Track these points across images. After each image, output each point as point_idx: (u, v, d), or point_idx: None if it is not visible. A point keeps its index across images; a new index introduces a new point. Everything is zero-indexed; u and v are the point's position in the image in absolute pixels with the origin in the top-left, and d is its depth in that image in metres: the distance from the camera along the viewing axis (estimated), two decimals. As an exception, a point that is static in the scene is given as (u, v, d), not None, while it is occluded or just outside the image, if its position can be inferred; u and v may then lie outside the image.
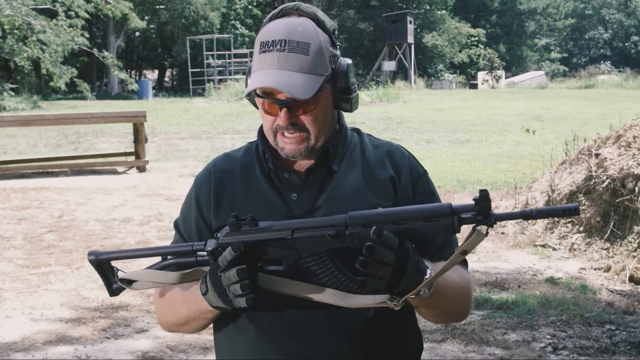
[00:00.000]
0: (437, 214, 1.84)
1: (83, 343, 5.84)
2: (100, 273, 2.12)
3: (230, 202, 2.15)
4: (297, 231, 1.91)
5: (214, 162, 2.30)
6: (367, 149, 2.23)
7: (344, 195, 2.12)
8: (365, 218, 1.87)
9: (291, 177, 2.15)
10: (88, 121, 15.83)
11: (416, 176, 2.21)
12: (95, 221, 10.08)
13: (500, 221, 1.83)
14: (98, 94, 36.84)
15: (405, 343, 2.19)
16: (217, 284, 1.92)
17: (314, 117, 2.08)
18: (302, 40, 2.05)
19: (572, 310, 6.36)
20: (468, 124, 21.90)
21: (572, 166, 9.36)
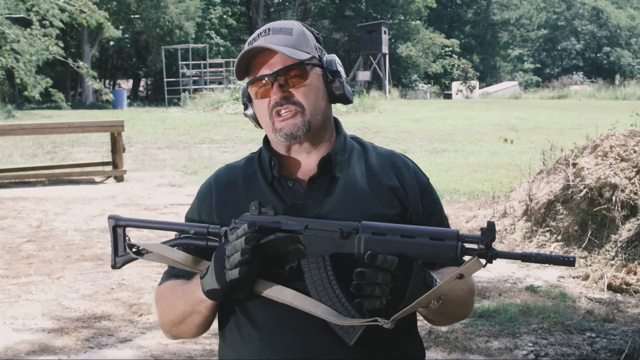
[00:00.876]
0: (444, 237, 1.89)
1: (67, 353, 5.81)
2: (112, 238, 2.17)
3: (234, 212, 2.15)
4: (310, 227, 1.97)
5: (216, 174, 2.32)
6: (370, 156, 2.26)
7: (348, 203, 2.14)
8: (376, 227, 1.93)
9: (295, 186, 2.17)
10: (65, 130, 15.75)
11: (423, 186, 2.25)
12: (74, 231, 10.04)
13: (500, 258, 1.86)
14: (72, 104, 36.62)
15: (408, 347, 2.21)
16: (219, 256, 1.97)
17: (306, 90, 2.14)
18: (285, 26, 2.18)
19: (553, 318, 6.41)
20: (444, 134, 22.01)
21: (549, 175, 9.44)
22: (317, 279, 1.97)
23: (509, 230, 9.16)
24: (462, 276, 1.84)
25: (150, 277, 7.79)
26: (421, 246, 1.89)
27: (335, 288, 1.96)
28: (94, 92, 39.61)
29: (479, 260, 1.83)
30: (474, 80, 54.85)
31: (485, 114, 29.33)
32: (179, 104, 37.31)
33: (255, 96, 2.18)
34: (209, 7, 50.27)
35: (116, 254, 2.17)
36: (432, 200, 2.26)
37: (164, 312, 2.26)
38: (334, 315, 1.95)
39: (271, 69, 2.12)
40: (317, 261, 1.97)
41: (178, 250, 2.10)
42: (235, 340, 2.17)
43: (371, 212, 2.10)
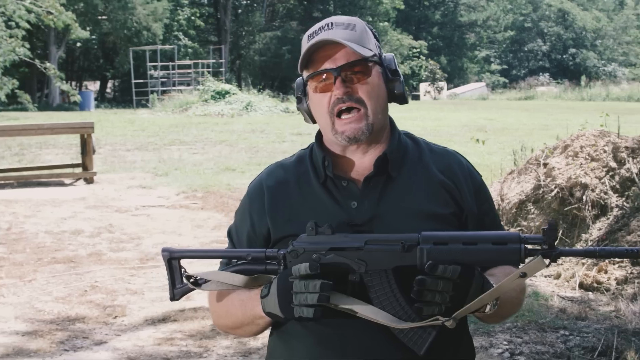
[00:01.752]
0: (506, 240, 1.91)
1: (41, 356, 5.79)
2: (169, 271, 2.16)
3: (287, 213, 2.15)
4: (370, 242, 1.96)
5: (267, 172, 2.29)
6: (424, 154, 2.23)
7: (405, 202, 2.12)
8: (437, 237, 1.94)
9: (349, 185, 2.14)
10: (35, 132, 15.62)
11: (477, 186, 2.24)
12: (45, 233, 9.96)
13: (564, 255, 1.90)
14: (39, 105, 36.28)
15: (459, 346, 2.20)
16: (284, 289, 1.97)
17: (369, 88, 2.11)
18: (348, 22, 2.14)
19: (527, 316, 6.47)
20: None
21: (520, 175, 9.51)
22: (381, 293, 1.96)
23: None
24: (525, 275, 1.85)
25: (124, 279, 7.77)
26: (484, 252, 1.91)
27: (399, 297, 1.95)
28: (60, 93, 39.27)
29: (542, 259, 1.85)
30: (442, 81, 55.12)
31: (454, 115, 29.51)
32: (147, 106, 37.12)
33: (315, 90, 2.14)
34: (177, 8, 50.03)
35: (174, 287, 2.16)
36: (485, 199, 2.26)
37: (219, 316, 2.27)
38: (394, 321, 1.94)
39: (335, 63, 2.09)
40: (380, 275, 1.96)
41: (235, 274, 2.08)
42: (289, 335, 2.15)
43: (427, 212, 2.11)
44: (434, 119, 27.56)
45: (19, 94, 24.80)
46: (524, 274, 1.85)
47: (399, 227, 2.04)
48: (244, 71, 53.84)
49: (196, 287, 2.12)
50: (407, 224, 2.06)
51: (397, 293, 1.95)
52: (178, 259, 2.16)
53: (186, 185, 13.55)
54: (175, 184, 13.79)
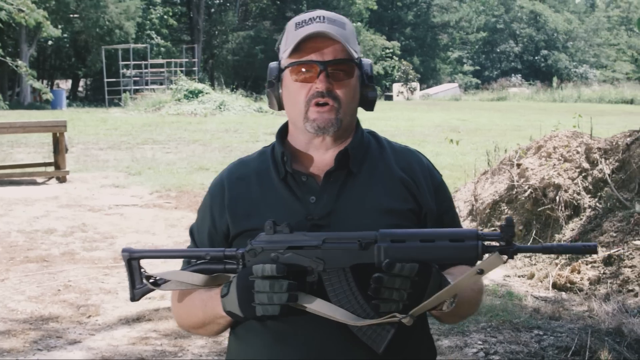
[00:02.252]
0: (464, 237, 1.93)
1: (14, 355, 5.74)
2: (128, 272, 2.16)
3: (246, 208, 2.16)
4: (328, 240, 1.98)
5: (227, 169, 2.31)
6: (385, 151, 2.26)
7: (364, 198, 2.14)
8: (394, 234, 1.96)
9: (309, 180, 2.16)
10: (6, 131, 15.47)
11: (437, 184, 2.25)
12: (18, 232, 9.88)
13: (521, 252, 1.92)
14: (10, 104, 36.01)
15: (419, 346, 2.21)
16: (245, 288, 1.99)
17: (348, 89, 2.14)
18: (339, 19, 2.18)
19: (502, 316, 6.51)
20: (387, 135, 20.77)
21: (494, 176, 9.58)
22: (339, 291, 1.98)
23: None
24: (482, 272, 1.88)
25: (97, 279, 7.73)
26: (442, 249, 1.93)
27: (357, 295, 1.97)
28: (32, 92, 38.95)
29: (500, 256, 1.87)
30: (415, 82, 55.26)
31: (427, 115, 29.62)
32: (119, 105, 36.89)
33: (295, 79, 2.14)
34: (150, 7, 49.81)
35: (134, 287, 2.16)
36: (445, 198, 2.28)
37: (180, 316, 2.29)
38: (352, 318, 1.96)
39: (322, 57, 2.10)
40: (338, 273, 1.98)
41: (194, 273, 2.09)
42: (246, 334, 2.16)
43: (385, 207, 2.13)
44: (407, 119, 27.65)
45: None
46: (481, 271, 1.88)
47: (356, 222, 2.08)
48: (217, 71, 53.71)
49: (156, 288, 2.13)
50: (365, 219, 2.09)
51: (355, 291, 1.97)
52: (138, 259, 2.15)
53: (160, 184, 13.50)
54: (149, 183, 13.73)
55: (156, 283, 2.12)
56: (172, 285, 2.12)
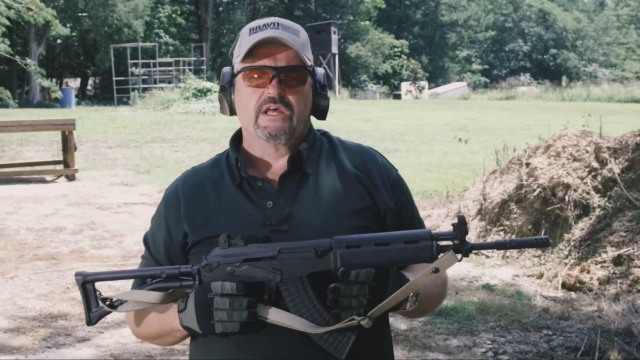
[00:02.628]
0: (418, 238, 1.93)
1: (24, 353, 5.77)
2: (83, 295, 2.12)
3: (203, 216, 2.15)
4: (283, 251, 1.98)
5: (182, 178, 2.28)
6: (338, 151, 2.25)
7: (320, 199, 2.14)
8: (349, 240, 1.95)
9: (264, 185, 2.14)
10: (16, 129, 15.51)
11: (393, 180, 2.24)
12: (27, 230, 9.91)
13: (476, 250, 1.91)
14: (19, 102, 36.06)
15: (382, 344, 2.21)
16: (203, 304, 1.98)
17: (300, 96, 2.13)
18: (293, 27, 2.15)
19: (510, 316, 6.50)
20: (395, 134, 22.12)
21: (503, 175, 9.55)
22: (298, 300, 1.97)
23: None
24: (437, 270, 1.88)
25: (107, 277, 7.72)
26: (397, 252, 1.93)
27: (316, 303, 1.97)
28: (41, 90, 39.03)
29: (454, 254, 1.88)
30: (423, 80, 55.17)
31: (436, 114, 29.56)
32: (128, 103, 36.97)
33: (248, 84, 2.13)
34: (158, 5, 49.90)
35: (89, 310, 2.13)
36: (402, 193, 2.26)
37: (136, 328, 2.27)
38: (311, 327, 1.96)
39: (275, 62, 2.09)
40: (296, 283, 1.97)
41: (150, 292, 2.07)
42: (207, 340, 2.11)
43: (342, 207, 2.12)
44: (416, 118, 27.60)
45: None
46: (437, 270, 1.88)
47: (314, 225, 2.08)
48: (226, 69, 53.63)
49: (112, 310, 2.10)
50: (323, 221, 2.09)
51: (313, 299, 1.97)
52: (92, 282, 2.12)
53: (168, 182, 13.36)
54: (157, 182, 13.76)
55: (112, 305, 2.09)
56: (129, 306, 2.08)
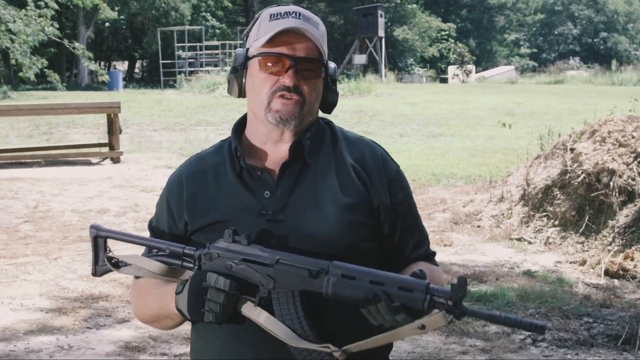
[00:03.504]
0: (413, 288, 1.87)
1: (65, 333, 5.84)
2: (93, 247, 2.19)
3: (204, 204, 2.16)
4: (281, 261, 1.98)
5: (185, 165, 2.29)
6: (339, 142, 2.23)
7: (317, 190, 2.13)
8: (346, 269, 1.93)
9: (264, 175, 2.14)
10: (62, 112, 15.70)
11: (391, 176, 2.22)
12: (71, 212, 10.03)
13: (469, 316, 1.84)
14: (68, 85, 36.44)
15: None
16: (197, 292, 1.99)
17: (313, 87, 2.13)
18: (313, 18, 2.15)
19: (550, 302, 6.44)
20: (441, 118, 21.96)
21: (547, 160, 9.44)
22: (285, 312, 1.98)
23: (506, 215, 9.17)
24: (423, 327, 1.83)
25: (148, 259, 7.78)
26: (389, 295, 1.87)
27: (302, 319, 1.97)
28: (89, 73, 39.39)
29: (445, 316, 1.81)
30: (470, 64, 54.70)
31: (482, 98, 29.28)
32: (174, 86, 37.16)
33: (263, 69, 2.11)
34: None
35: (96, 264, 2.20)
36: (400, 189, 2.24)
37: (137, 308, 2.30)
38: (290, 337, 1.95)
39: (294, 52, 2.08)
40: (287, 295, 1.98)
41: (154, 261, 2.10)
42: (205, 330, 2.16)
43: (338, 200, 2.12)
44: (462, 102, 27.36)
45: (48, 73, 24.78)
46: (423, 326, 1.83)
47: (309, 216, 2.09)
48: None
49: (115, 269, 2.16)
50: (318, 213, 2.10)
51: (300, 315, 1.97)
52: (104, 237, 2.19)
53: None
54: (201, 165, 13.79)
55: (117, 265, 2.15)
56: (131, 270, 2.14)
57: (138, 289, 2.26)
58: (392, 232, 2.19)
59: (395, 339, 1.92)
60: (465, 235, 8.94)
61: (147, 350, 5.58)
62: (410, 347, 5.58)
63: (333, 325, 2.02)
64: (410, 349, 5.57)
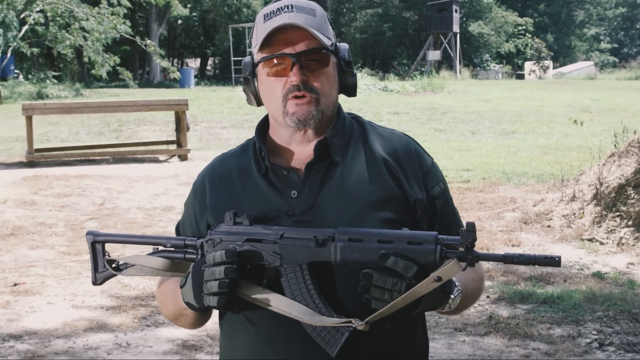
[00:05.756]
0: (422, 240, 1.83)
1: (123, 330, 5.88)
2: (92, 255, 2.16)
3: (228, 205, 2.08)
4: (285, 235, 1.92)
5: (210, 166, 2.24)
6: (369, 136, 2.15)
7: (347, 188, 2.05)
8: (352, 233, 1.88)
9: (290, 174, 2.07)
10: (130, 109, 15.87)
11: (425, 169, 2.13)
12: (137, 209, 10.09)
13: (482, 260, 1.79)
14: (140, 82, 37.01)
15: (411, 344, 2.12)
16: (197, 277, 1.94)
17: (324, 77, 2.04)
18: (308, 6, 2.06)
19: (620, 305, 6.21)
20: (514, 115, 21.64)
21: (621, 159, 9.15)
22: (295, 288, 1.92)
23: (578, 215, 8.90)
24: (439, 279, 1.78)
25: (208, 257, 7.76)
26: (399, 250, 1.83)
27: (313, 294, 1.91)
28: (161, 70, 39.92)
29: (458, 262, 1.77)
30: (548, 60, 53.82)
31: (558, 94, 28.75)
32: (245, 84, 37.36)
33: (269, 74, 2.04)
34: (278, -15, 50.21)
35: (96, 270, 2.16)
36: (435, 183, 2.14)
37: (162, 309, 2.29)
38: (308, 314, 1.89)
39: (294, 48, 2.00)
40: (295, 270, 1.92)
41: (156, 257, 2.06)
42: (233, 332, 2.11)
43: (369, 197, 2.04)
44: (537, 98, 26.90)
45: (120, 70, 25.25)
46: (439, 278, 1.78)
47: (339, 216, 2.00)
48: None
49: (117, 273, 2.12)
50: (348, 212, 2.02)
51: (311, 289, 1.91)
52: (102, 242, 2.15)
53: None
54: (268, 162, 13.79)
55: (118, 268, 2.11)
56: (133, 271, 2.10)
57: (159, 291, 2.24)
58: (430, 229, 2.07)
59: (413, 298, 1.81)
60: (535, 236, 8.71)
61: (204, 348, 5.57)
62: (471, 350, 5.45)
63: (344, 297, 1.96)
64: (471, 351, 5.43)
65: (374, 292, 1.80)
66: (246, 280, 1.93)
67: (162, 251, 2.07)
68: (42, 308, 6.37)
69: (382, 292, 1.80)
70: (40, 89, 28.40)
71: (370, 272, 1.79)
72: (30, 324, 6.01)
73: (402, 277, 1.79)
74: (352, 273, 1.87)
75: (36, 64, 35.67)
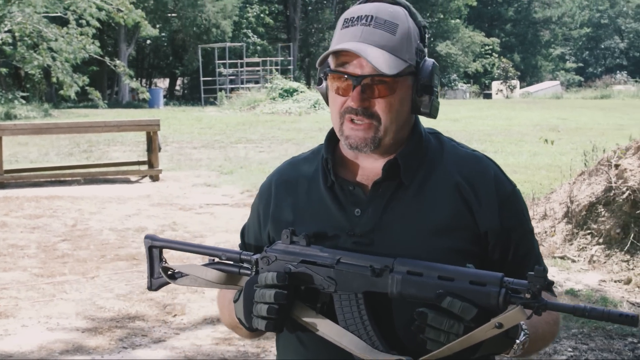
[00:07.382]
0: (486, 281, 1.69)
1: (100, 353, 5.81)
2: (149, 259, 2.13)
3: (290, 215, 2.03)
4: (342, 261, 1.83)
5: (278, 171, 2.16)
6: (445, 157, 2.00)
7: (413, 213, 1.92)
8: (412, 265, 1.77)
9: (356, 190, 1.96)
10: (101, 130, 15.79)
11: (503, 198, 1.97)
12: (110, 230, 10.01)
13: (549, 310, 1.64)
14: (109, 103, 36.88)
15: None
16: (249, 297, 1.87)
17: (388, 104, 1.88)
18: (390, 19, 1.89)
19: (594, 322, 6.25)
20: (483, 134, 21.80)
21: (591, 177, 9.25)
22: (349, 316, 1.82)
23: (549, 233, 8.98)
24: (501, 325, 1.63)
25: (184, 278, 7.73)
26: (459, 290, 1.70)
27: (367, 325, 1.81)
28: (130, 91, 39.83)
29: (522, 310, 1.62)
30: (515, 79, 54.36)
31: (526, 114, 29.03)
32: (215, 104, 37.37)
33: (332, 87, 1.93)
34: (246, 5, 50.35)
35: (152, 276, 2.14)
36: (514, 214, 1.98)
37: (219, 312, 2.23)
38: (360, 347, 1.79)
39: (361, 69, 1.85)
40: (350, 298, 1.83)
41: (211, 269, 2.00)
42: (285, 349, 2.06)
43: (436, 225, 1.91)
44: (505, 118, 27.15)
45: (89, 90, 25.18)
46: (500, 325, 1.63)
47: (401, 242, 1.88)
48: (314, 69, 53.95)
49: (171, 281, 2.08)
50: (410, 238, 1.90)
51: (365, 320, 1.81)
52: (159, 248, 2.12)
53: (251, 183, 13.51)
54: (240, 183, 13.80)
55: (173, 276, 2.08)
56: (187, 281, 2.05)
57: (219, 299, 2.20)
58: (502, 262, 1.94)
59: (471, 342, 1.66)
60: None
61: (182, 371, 5.51)
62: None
63: (399, 331, 1.85)
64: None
65: (429, 332, 1.68)
66: (300, 302, 1.85)
67: (217, 263, 2.01)
68: (16, 331, 6.28)
69: (438, 333, 1.67)
70: (8, 110, 28.22)
71: (425, 312, 1.68)
72: (5, 347, 5.93)
73: (460, 319, 1.66)
74: (410, 307, 1.74)
75: (4, 85, 35.40)
